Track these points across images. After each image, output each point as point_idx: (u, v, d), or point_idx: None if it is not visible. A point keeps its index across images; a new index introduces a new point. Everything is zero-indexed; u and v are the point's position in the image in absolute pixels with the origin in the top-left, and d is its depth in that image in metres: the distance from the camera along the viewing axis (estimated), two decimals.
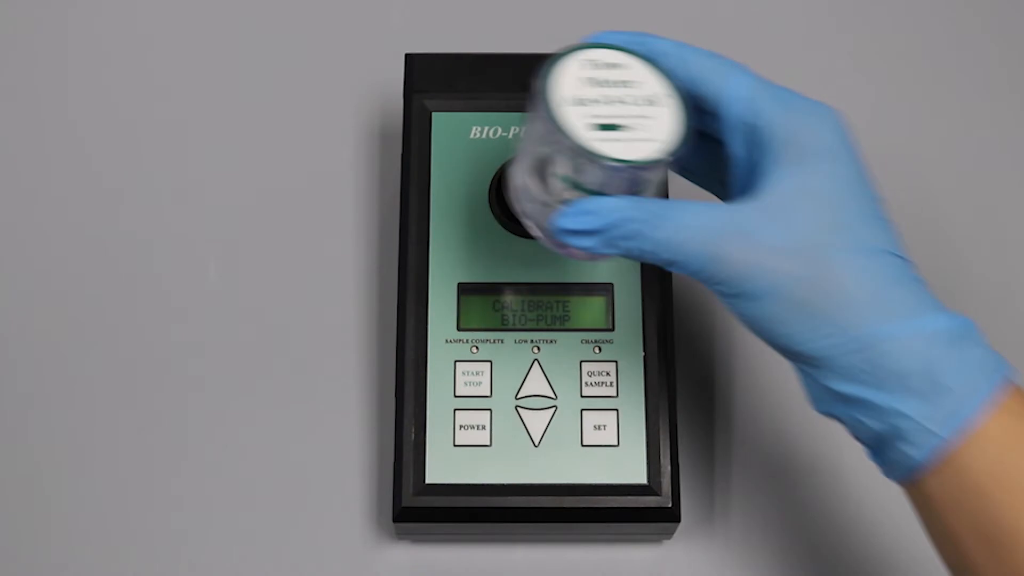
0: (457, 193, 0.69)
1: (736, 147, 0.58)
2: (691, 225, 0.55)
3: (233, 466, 0.71)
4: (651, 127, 0.56)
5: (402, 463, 0.65)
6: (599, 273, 0.68)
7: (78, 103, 0.79)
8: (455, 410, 0.66)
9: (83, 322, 0.73)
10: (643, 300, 0.68)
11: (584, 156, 0.55)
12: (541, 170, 0.58)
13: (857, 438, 0.56)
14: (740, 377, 0.73)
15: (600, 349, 0.67)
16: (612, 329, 0.67)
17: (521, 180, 0.60)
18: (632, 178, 0.56)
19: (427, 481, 0.65)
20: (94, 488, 0.70)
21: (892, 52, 0.81)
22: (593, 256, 0.58)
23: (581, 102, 0.56)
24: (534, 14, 0.81)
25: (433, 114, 0.70)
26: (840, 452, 0.69)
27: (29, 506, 0.70)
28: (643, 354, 0.67)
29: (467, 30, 0.80)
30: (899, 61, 0.81)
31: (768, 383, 0.72)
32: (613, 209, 0.55)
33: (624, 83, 0.57)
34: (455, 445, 0.66)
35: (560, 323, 0.68)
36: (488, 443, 0.66)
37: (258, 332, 0.73)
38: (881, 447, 0.55)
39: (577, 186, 0.57)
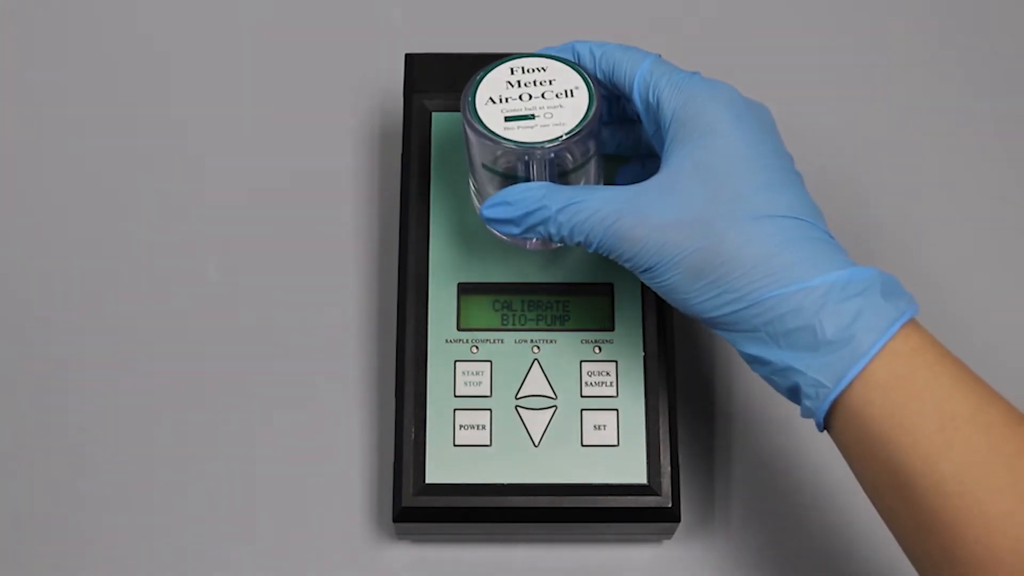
0: (457, 193, 0.69)
1: (649, 127, 0.62)
2: (594, 208, 0.59)
3: (233, 466, 0.71)
4: (562, 115, 0.61)
5: (402, 463, 0.65)
6: (599, 273, 0.68)
7: (78, 102, 0.79)
8: (455, 410, 0.66)
9: (82, 323, 0.73)
10: (643, 300, 0.68)
11: (489, 139, 0.61)
12: (474, 167, 0.64)
13: (782, 394, 0.60)
14: (740, 376, 0.72)
15: (600, 349, 0.67)
16: (612, 329, 0.67)
17: (469, 183, 0.65)
18: (544, 159, 0.61)
19: (427, 481, 0.65)
20: (93, 488, 0.70)
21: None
22: (546, 245, 0.64)
23: (498, 100, 0.62)
24: (534, 14, 0.81)
25: (433, 114, 0.70)
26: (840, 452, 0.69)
27: (29, 507, 0.70)
28: (643, 354, 0.67)
29: (467, 30, 0.80)
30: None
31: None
32: (525, 198, 0.60)
33: (543, 82, 0.62)
34: (455, 445, 0.66)
35: (560, 323, 0.68)
36: (488, 443, 0.66)
37: (258, 332, 0.73)
38: (795, 401, 0.59)
39: (497, 173, 0.62)
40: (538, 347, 0.67)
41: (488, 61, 0.69)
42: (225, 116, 0.78)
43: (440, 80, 0.71)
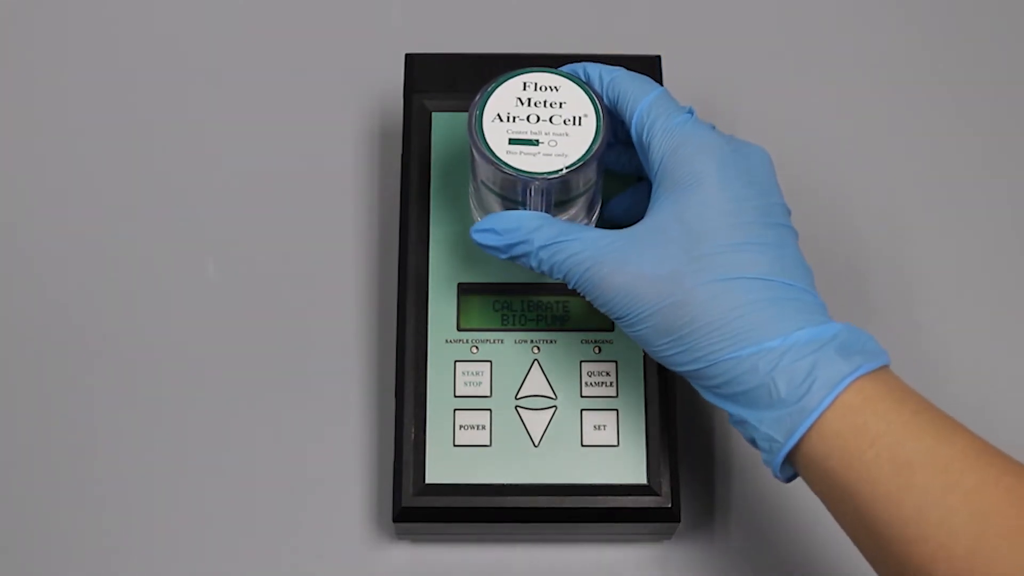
0: (457, 193, 0.69)
1: (644, 164, 0.62)
2: (574, 251, 0.60)
3: (233, 467, 0.71)
4: (566, 144, 0.61)
5: (402, 463, 0.65)
6: None
7: (77, 103, 0.79)
8: (455, 410, 0.66)
9: (81, 323, 0.73)
10: None
11: (489, 161, 0.61)
12: (475, 177, 0.64)
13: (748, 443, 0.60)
14: None
15: (600, 349, 0.67)
16: (612, 329, 0.67)
17: (470, 186, 0.66)
18: (542, 189, 0.61)
19: (427, 481, 0.65)
20: (94, 488, 0.70)
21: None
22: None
23: (506, 118, 0.61)
24: (534, 14, 0.81)
25: (433, 114, 0.70)
26: None
27: (29, 508, 0.70)
28: (643, 354, 0.67)
29: (467, 30, 0.80)
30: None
31: None
32: (511, 229, 0.61)
33: (555, 103, 0.62)
34: (455, 445, 0.66)
35: (560, 323, 0.68)
36: (488, 443, 0.66)
37: (258, 332, 0.73)
38: (759, 450, 0.59)
39: (495, 192, 0.62)
40: (538, 347, 0.67)
41: (488, 61, 0.69)
42: (225, 116, 0.78)
43: (440, 80, 0.71)
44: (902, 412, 0.56)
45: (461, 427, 0.66)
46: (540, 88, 0.62)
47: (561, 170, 0.61)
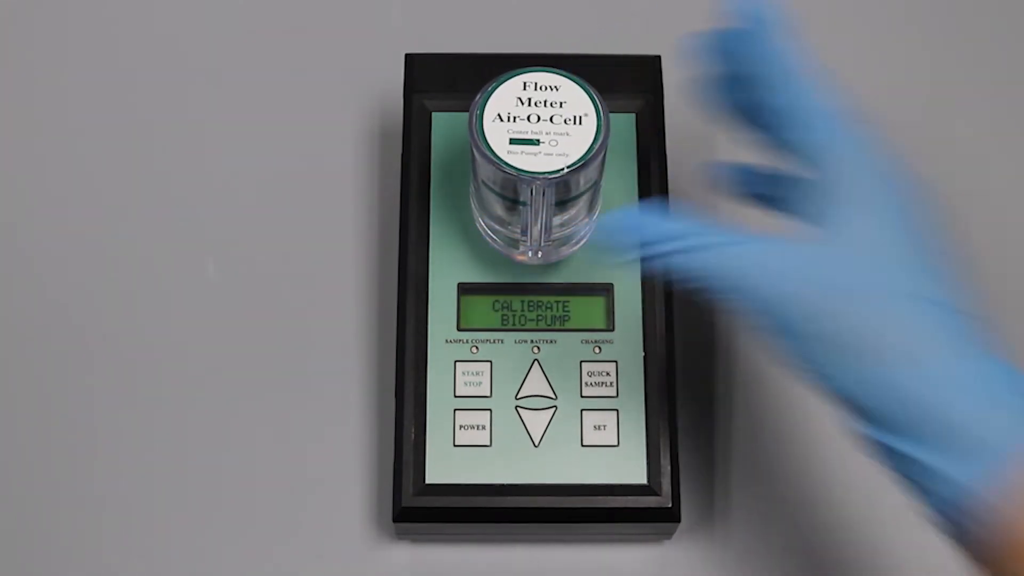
0: (457, 193, 0.69)
1: (808, 163, 0.58)
2: (757, 255, 0.55)
3: (233, 466, 0.71)
4: (567, 144, 0.61)
5: (402, 463, 0.65)
6: (599, 273, 0.68)
7: (77, 103, 0.79)
8: (455, 410, 0.66)
9: (81, 323, 0.73)
10: (643, 300, 0.68)
11: (490, 161, 0.61)
12: (476, 177, 0.64)
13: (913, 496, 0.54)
14: (740, 377, 0.73)
15: (600, 349, 0.67)
16: (612, 329, 0.67)
17: (470, 186, 0.66)
18: (543, 188, 0.61)
19: (427, 481, 0.65)
20: (94, 488, 0.70)
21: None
22: (547, 258, 0.66)
23: (506, 118, 0.61)
24: (534, 14, 0.81)
25: (433, 114, 0.70)
26: (840, 452, 0.69)
27: (29, 508, 0.70)
28: (643, 354, 0.67)
29: (467, 30, 0.80)
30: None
31: (768, 383, 0.72)
32: (664, 228, 0.56)
33: (555, 103, 0.62)
34: (455, 445, 0.66)
35: (560, 323, 0.68)
36: (488, 443, 0.66)
37: (258, 332, 0.73)
38: (929, 506, 0.53)
39: (496, 192, 0.63)
40: (538, 347, 0.67)
41: (488, 61, 0.69)
42: (224, 116, 0.78)
43: (440, 80, 0.71)
44: None
45: (461, 427, 0.66)
46: (540, 88, 0.62)
47: (562, 169, 0.61)
